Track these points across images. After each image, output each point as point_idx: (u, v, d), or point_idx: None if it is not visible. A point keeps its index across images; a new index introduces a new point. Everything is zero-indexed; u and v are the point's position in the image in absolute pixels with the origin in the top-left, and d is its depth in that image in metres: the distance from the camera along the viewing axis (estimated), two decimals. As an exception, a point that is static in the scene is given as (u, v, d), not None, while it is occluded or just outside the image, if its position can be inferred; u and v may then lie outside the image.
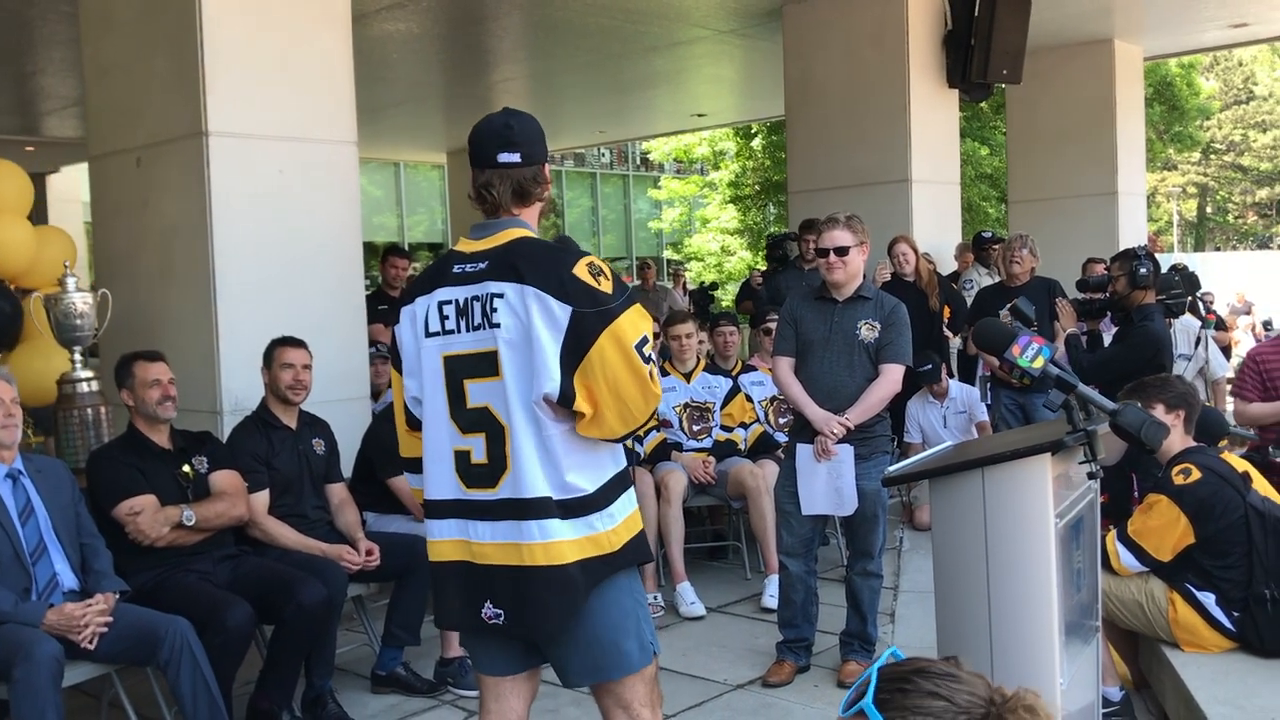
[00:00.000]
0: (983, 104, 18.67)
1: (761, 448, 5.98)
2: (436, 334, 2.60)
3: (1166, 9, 10.31)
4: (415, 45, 10.10)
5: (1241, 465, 4.11)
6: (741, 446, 6.01)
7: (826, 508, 4.37)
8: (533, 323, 2.47)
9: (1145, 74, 13.45)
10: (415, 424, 2.70)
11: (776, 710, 4.23)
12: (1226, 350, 9.12)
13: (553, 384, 2.46)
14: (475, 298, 2.55)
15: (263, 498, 4.32)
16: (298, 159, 5.39)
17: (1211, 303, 11.91)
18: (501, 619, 2.58)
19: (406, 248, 21.56)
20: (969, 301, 7.76)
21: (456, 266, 2.60)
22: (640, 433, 2.61)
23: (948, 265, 8.96)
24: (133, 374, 4.11)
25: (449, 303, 2.58)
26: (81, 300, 5.10)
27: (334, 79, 5.56)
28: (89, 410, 5.05)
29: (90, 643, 3.49)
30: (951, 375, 7.15)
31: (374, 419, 5.15)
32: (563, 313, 2.46)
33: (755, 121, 19.69)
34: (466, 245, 2.65)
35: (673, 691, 4.47)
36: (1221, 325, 10.76)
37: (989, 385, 6.77)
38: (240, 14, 5.18)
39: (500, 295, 2.51)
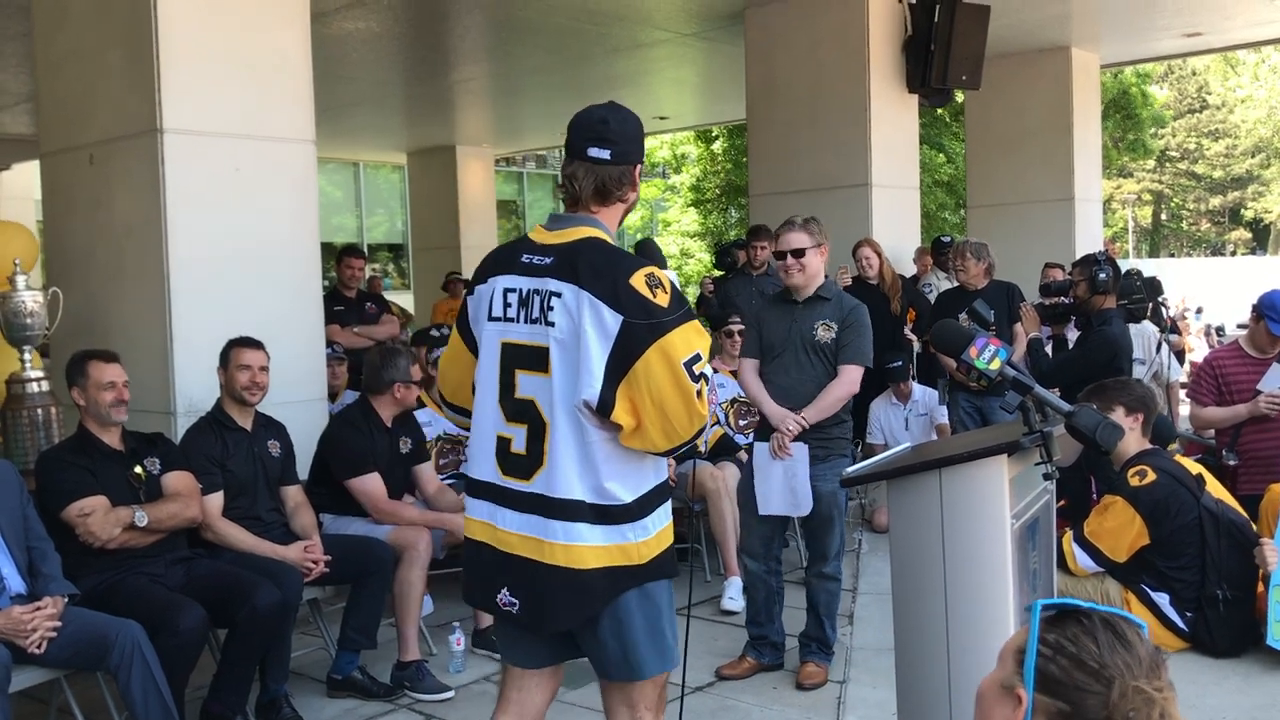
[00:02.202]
0: (941, 110, 18.88)
1: (722, 450, 5.97)
2: (498, 319, 2.63)
3: (1122, 18, 10.44)
4: (375, 44, 10.03)
5: (1195, 468, 4.18)
6: (701, 449, 5.96)
7: (782, 508, 4.38)
8: (584, 327, 2.48)
9: (1102, 84, 13.62)
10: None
11: (735, 713, 4.22)
12: (1180, 355, 9.23)
13: (592, 391, 2.47)
14: (536, 291, 2.56)
15: (216, 499, 4.26)
16: (255, 157, 5.33)
17: (1176, 310, 12.06)
18: (516, 609, 2.61)
19: (366, 249, 21.43)
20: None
21: (525, 256, 2.61)
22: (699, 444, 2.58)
23: (907, 269, 9.02)
24: (86, 374, 4.04)
25: (513, 290, 2.60)
26: (31, 299, 5.01)
27: (292, 77, 5.50)
28: (39, 411, 4.97)
29: (38, 647, 3.42)
30: (913, 377, 7.19)
31: (331, 420, 5.10)
32: (614, 321, 2.46)
33: (717, 125, 19.73)
34: (539, 235, 2.65)
35: (632, 694, 4.46)
36: (1175, 330, 10.91)
37: (947, 388, 6.82)
38: (196, 10, 5.11)
39: (558, 295, 2.52)
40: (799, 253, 4.34)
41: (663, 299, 2.48)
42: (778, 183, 8.90)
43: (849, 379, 4.34)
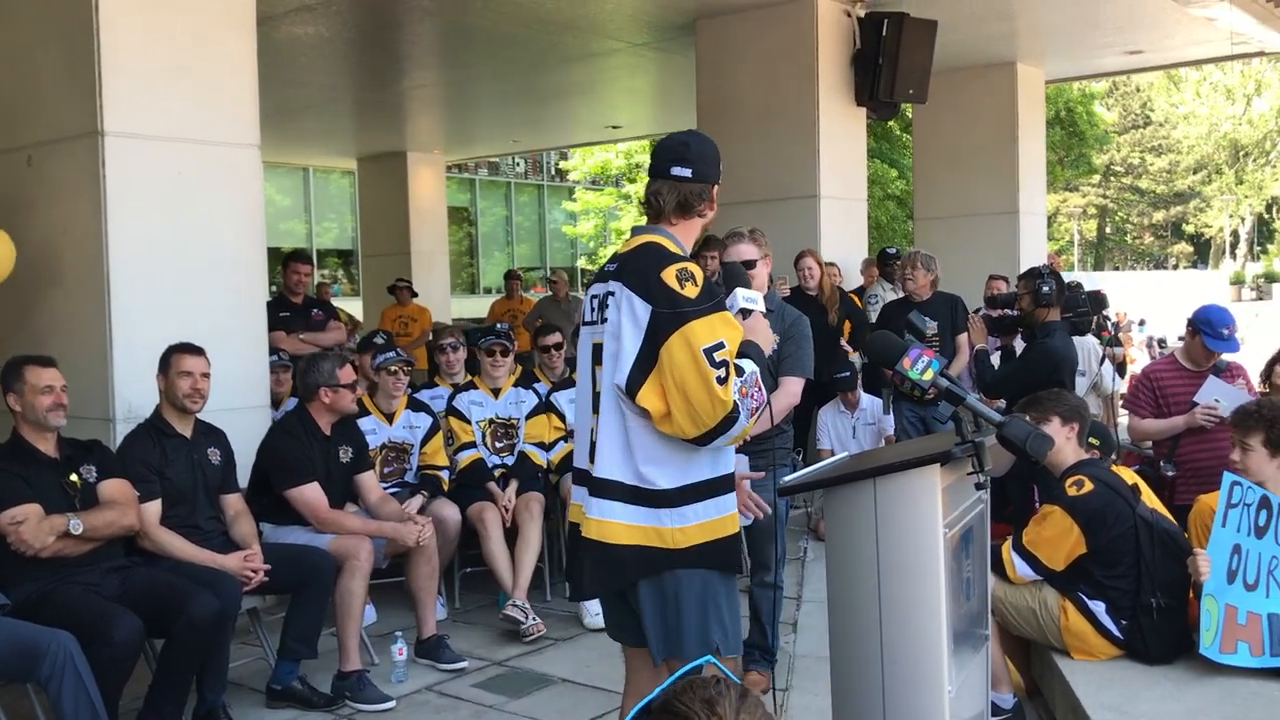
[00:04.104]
0: (893, 124, 19.08)
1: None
2: (589, 323, 2.91)
3: (1066, 35, 10.62)
4: (325, 49, 9.95)
5: (1131, 478, 4.24)
6: (542, 463, 5.86)
7: None
8: (622, 318, 2.72)
9: (1047, 100, 13.83)
10: None
11: (678, 721, 4.22)
12: (1122, 367, 9.38)
13: (622, 375, 2.69)
14: (600, 294, 2.85)
15: (154, 507, 4.20)
16: (198, 161, 5.27)
17: (1123, 323, 12.24)
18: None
19: (315, 254, 21.25)
20: (874, 316, 7.88)
21: (608, 264, 2.90)
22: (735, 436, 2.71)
23: (855, 280, 9.10)
24: (23, 379, 3.97)
25: (595, 296, 2.88)
26: (-35, 303, 4.92)
27: (237, 81, 5.45)
28: (-29, 417, 4.87)
29: (-34, 658, 3.36)
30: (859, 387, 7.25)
31: (270, 428, 5.04)
32: (644, 311, 2.69)
33: (666, 134, 19.75)
34: (622, 245, 2.94)
35: (575, 702, 4.47)
36: (1117, 342, 11.09)
37: (891, 397, 6.88)
38: (138, 11, 5.05)
39: (612, 293, 2.78)
40: (750, 264, 4.34)
41: (691, 291, 2.68)
42: (727, 194, 8.77)
43: (790, 391, 4.36)
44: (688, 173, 2.85)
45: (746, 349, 2.75)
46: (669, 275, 2.68)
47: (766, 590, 4.47)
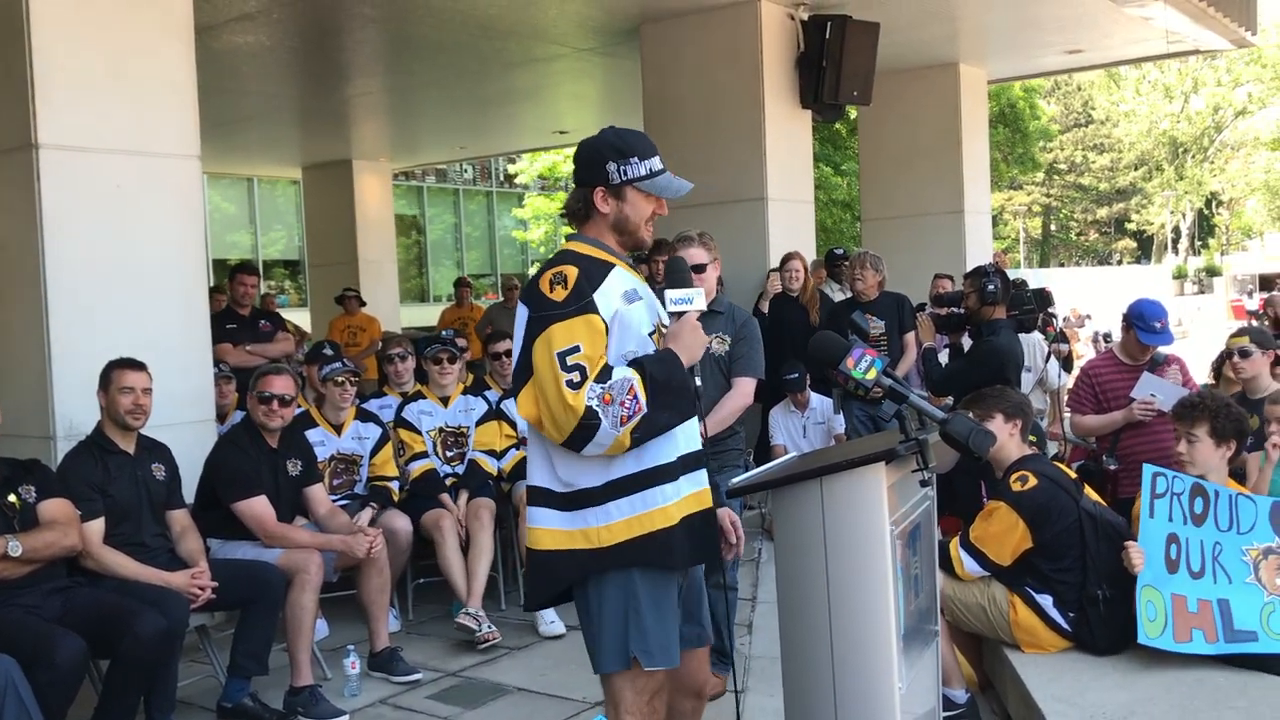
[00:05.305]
0: (839, 127, 19.20)
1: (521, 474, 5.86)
2: None
3: (1007, 36, 10.75)
4: (267, 58, 9.85)
5: (1070, 474, 4.30)
6: (493, 470, 5.85)
7: None
8: (518, 327, 2.73)
9: (990, 97, 14.00)
10: None
11: (634, 726, 4.22)
12: (1068, 362, 9.50)
13: (511, 384, 2.74)
14: None
15: (97, 526, 4.13)
16: (137, 173, 5.19)
17: (1073, 318, 12.36)
18: None
19: (261, 265, 21.01)
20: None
21: None
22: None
23: (802, 281, 9.15)
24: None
25: None
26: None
27: (176, 91, 5.38)
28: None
29: (-97, 685, 3.28)
30: (810, 387, 7.29)
31: (217, 441, 4.98)
32: (522, 316, 2.70)
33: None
34: None
35: (531, 711, 4.45)
36: (1063, 338, 11.25)
37: (841, 397, 6.93)
38: (72, 21, 4.97)
39: None
40: (699, 268, 4.34)
41: (559, 294, 2.63)
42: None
43: (742, 391, 4.38)
44: (575, 181, 2.88)
45: (659, 354, 2.68)
46: (544, 280, 2.68)
47: (720, 592, 4.47)
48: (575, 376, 2.56)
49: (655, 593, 2.72)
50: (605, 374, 2.59)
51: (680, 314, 2.79)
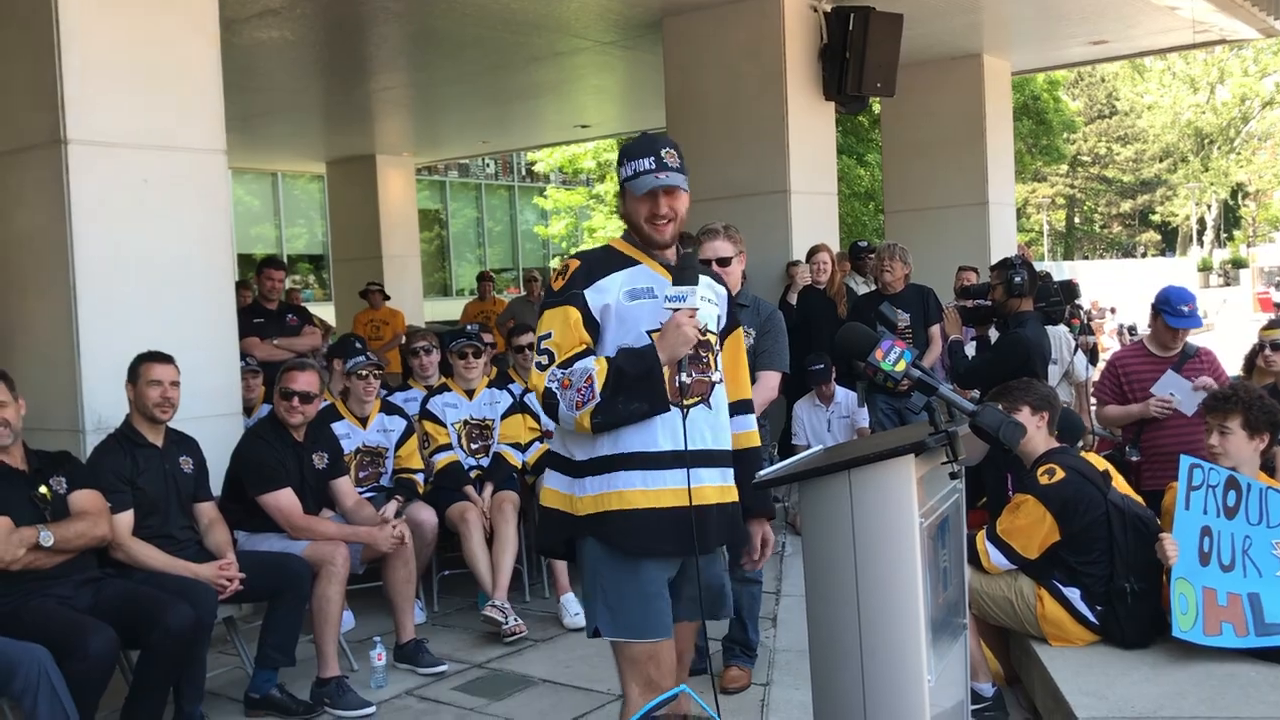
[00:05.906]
0: (861, 119, 19.14)
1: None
2: None
3: (1031, 26, 10.69)
4: (290, 53, 9.89)
5: (1101, 464, 4.27)
6: (517, 463, 5.86)
7: None
8: None
9: (1014, 89, 13.90)
10: None
11: (659, 718, 4.22)
12: (1093, 354, 9.44)
13: None
14: None
15: (126, 518, 4.16)
16: (163, 168, 5.23)
17: (1095, 311, 12.30)
18: None
19: (285, 260, 21.12)
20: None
21: None
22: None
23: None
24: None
25: None
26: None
27: (201, 86, 5.41)
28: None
29: (-63, 675, 3.31)
30: (835, 380, 7.27)
31: (244, 435, 5.01)
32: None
33: (638, 133, 19.73)
34: None
35: (556, 703, 4.46)
36: (1087, 330, 11.18)
37: (865, 390, 6.91)
38: (100, 19, 5.01)
39: None
40: (724, 261, 4.33)
41: (558, 284, 2.87)
42: (697, 190, 8.82)
43: (768, 385, 4.37)
44: None
45: (639, 349, 2.75)
46: (556, 269, 2.91)
47: (745, 585, 4.47)
48: (543, 359, 2.81)
49: (617, 572, 2.83)
50: (570, 361, 2.78)
51: (675, 310, 2.79)
